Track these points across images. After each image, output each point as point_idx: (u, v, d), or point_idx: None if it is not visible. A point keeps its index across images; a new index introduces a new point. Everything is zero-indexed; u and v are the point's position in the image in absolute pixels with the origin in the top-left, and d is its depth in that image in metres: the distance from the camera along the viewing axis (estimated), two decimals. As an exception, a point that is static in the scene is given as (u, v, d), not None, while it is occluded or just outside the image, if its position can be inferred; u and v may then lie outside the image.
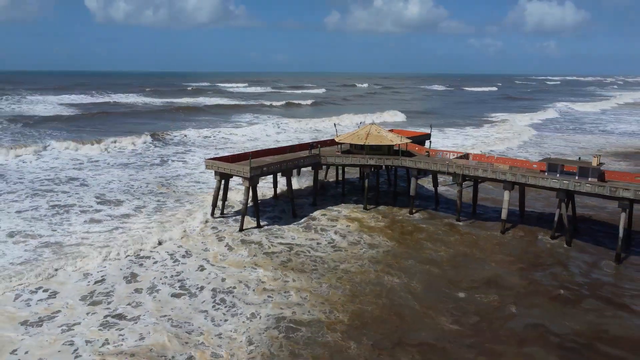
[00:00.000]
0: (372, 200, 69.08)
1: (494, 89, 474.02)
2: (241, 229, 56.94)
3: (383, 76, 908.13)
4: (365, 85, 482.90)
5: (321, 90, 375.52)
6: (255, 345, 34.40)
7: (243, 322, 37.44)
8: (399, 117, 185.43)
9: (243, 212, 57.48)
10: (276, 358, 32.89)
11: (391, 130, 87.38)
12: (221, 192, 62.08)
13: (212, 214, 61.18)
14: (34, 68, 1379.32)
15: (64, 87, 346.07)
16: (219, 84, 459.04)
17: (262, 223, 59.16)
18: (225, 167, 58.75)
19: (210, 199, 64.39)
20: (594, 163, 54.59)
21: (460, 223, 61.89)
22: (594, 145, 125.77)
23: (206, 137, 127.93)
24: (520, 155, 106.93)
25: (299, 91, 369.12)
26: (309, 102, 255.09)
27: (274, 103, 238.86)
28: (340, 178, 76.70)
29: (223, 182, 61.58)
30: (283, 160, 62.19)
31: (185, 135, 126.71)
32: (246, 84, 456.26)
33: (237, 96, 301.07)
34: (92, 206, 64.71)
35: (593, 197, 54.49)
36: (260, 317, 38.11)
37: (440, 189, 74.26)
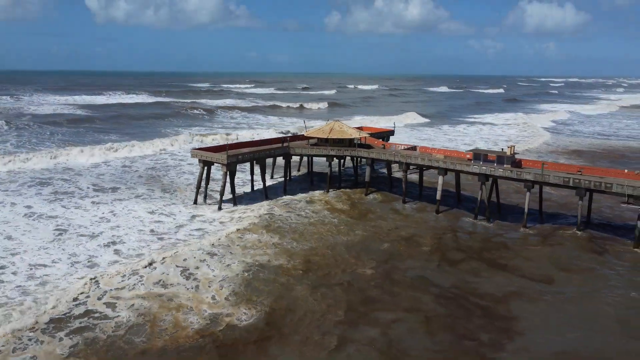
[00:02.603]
0: (337, 186, 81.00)
1: (501, 90, 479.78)
2: (220, 208, 68.40)
3: (383, 77, 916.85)
4: (374, 87, 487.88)
5: (331, 92, 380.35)
6: (230, 284, 45.78)
7: (228, 265, 49.61)
8: (419, 119, 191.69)
9: (221, 193, 69.17)
10: (242, 293, 44.26)
11: (360, 128, 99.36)
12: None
13: (196, 201, 71.11)
14: (34, 67, 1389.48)
15: (73, 88, 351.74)
16: (223, 85, 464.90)
17: (239, 208, 69.69)
18: (207, 155, 70.55)
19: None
20: (509, 153, 65.94)
21: (406, 205, 73.36)
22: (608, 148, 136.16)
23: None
24: (532, 155, 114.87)
25: (311, 92, 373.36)
26: (325, 104, 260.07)
27: (290, 105, 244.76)
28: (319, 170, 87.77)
29: (206, 168, 72.85)
30: (256, 150, 74.01)
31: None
32: (252, 85, 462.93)
33: (248, 97, 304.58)
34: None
35: (504, 179, 65.95)
36: (238, 264, 50.18)
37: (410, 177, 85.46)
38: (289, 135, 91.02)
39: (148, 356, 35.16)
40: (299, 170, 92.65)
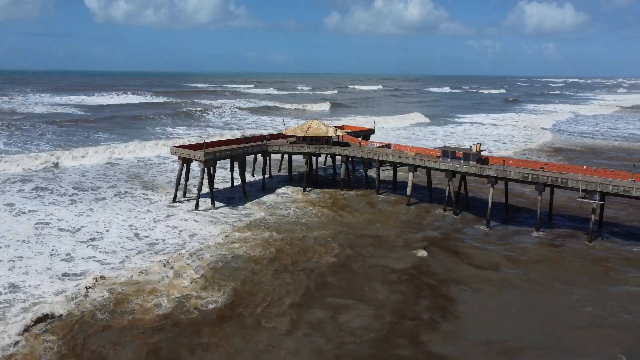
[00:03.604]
0: (314, 183, 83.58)
1: (502, 91, 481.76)
2: (197, 205, 70.57)
3: (384, 77, 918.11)
4: (376, 87, 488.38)
5: (332, 92, 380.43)
6: (201, 270, 49.01)
7: (202, 257, 52.47)
8: (423, 119, 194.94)
9: (199, 189, 71.44)
10: (211, 279, 47.38)
11: (342, 127, 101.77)
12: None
13: (175, 198, 73.36)
14: (33, 67, 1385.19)
15: (71, 87, 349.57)
16: (222, 85, 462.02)
17: (217, 204, 71.87)
18: (185, 153, 73.03)
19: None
20: (474, 150, 68.36)
21: (380, 200, 76.12)
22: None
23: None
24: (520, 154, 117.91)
25: (312, 93, 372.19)
26: (327, 104, 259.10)
27: (291, 106, 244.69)
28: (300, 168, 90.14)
29: (185, 166, 75.15)
30: (234, 147, 76.49)
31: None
32: (252, 85, 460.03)
33: (247, 98, 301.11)
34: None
35: (469, 175, 68.52)
36: (212, 255, 53.02)
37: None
38: (269, 134, 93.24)
39: (109, 332, 38.20)
40: (279, 170, 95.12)
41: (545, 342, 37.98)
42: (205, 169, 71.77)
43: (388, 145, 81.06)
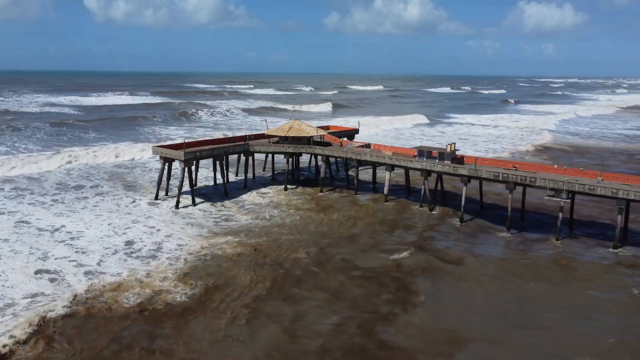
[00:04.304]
0: (296, 183, 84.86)
1: (502, 91, 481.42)
2: (177, 204, 71.71)
3: (384, 77, 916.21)
4: (376, 87, 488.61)
5: (333, 93, 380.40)
6: (175, 268, 50.50)
7: (180, 254, 54.16)
8: (424, 120, 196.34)
9: (179, 189, 72.67)
10: (186, 273, 48.93)
11: (327, 127, 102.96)
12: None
13: (157, 196, 75.07)
14: (32, 68, 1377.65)
15: (69, 88, 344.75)
16: (221, 85, 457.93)
17: (198, 202, 73.38)
18: (166, 152, 74.31)
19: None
20: (449, 149, 69.44)
21: (358, 199, 77.27)
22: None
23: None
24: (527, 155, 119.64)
25: (312, 94, 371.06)
26: (328, 105, 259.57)
27: (291, 107, 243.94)
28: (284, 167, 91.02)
29: (167, 165, 76.44)
30: (215, 147, 77.70)
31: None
32: (252, 86, 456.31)
33: (247, 98, 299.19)
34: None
35: (443, 174, 69.76)
36: (189, 253, 54.44)
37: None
38: (255, 133, 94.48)
39: (76, 319, 40.13)
40: (264, 170, 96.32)
41: (495, 336, 39.23)
42: (186, 168, 72.95)
43: (368, 145, 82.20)
